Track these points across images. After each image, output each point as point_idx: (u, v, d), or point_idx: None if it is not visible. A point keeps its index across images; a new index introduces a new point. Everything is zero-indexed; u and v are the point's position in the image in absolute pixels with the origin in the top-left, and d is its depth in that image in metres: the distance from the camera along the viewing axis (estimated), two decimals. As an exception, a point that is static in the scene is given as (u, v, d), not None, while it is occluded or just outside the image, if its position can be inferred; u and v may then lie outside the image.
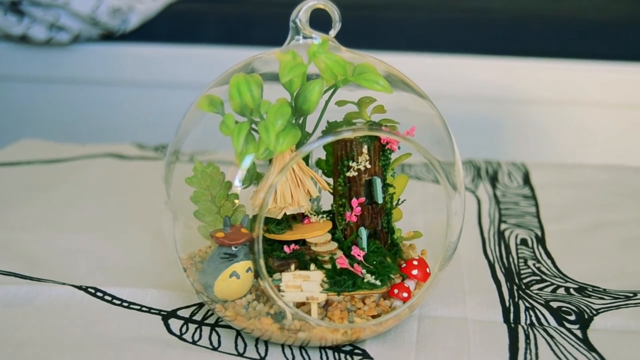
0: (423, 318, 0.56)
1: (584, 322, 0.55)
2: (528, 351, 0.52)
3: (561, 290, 0.61)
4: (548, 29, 1.29)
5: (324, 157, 0.60)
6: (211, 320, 0.55)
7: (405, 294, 0.52)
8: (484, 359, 0.51)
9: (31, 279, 0.60)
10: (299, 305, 0.51)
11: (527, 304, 0.58)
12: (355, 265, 0.53)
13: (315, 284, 0.49)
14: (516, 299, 0.59)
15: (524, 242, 0.71)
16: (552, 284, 0.62)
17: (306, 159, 0.57)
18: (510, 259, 0.67)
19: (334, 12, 0.54)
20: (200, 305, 0.57)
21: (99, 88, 1.36)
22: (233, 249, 0.49)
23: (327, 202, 0.59)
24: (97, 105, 1.37)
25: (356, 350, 0.52)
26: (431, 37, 1.29)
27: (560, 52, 1.25)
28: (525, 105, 1.26)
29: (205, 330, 0.54)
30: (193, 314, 0.56)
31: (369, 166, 0.55)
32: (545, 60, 1.25)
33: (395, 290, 0.53)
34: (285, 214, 0.53)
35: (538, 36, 1.28)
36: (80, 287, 0.59)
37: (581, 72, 1.24)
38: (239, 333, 0.54)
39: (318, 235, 0.56)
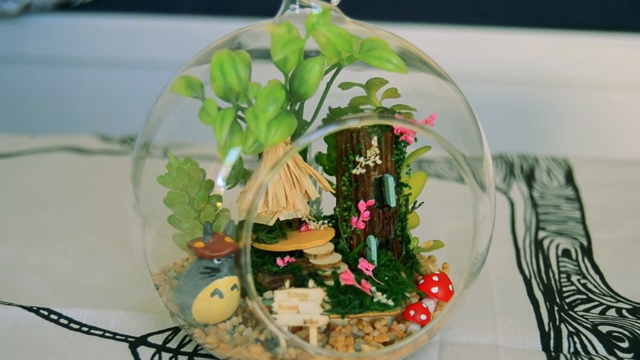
0: (445, 345, 0.56)
1: (640, 350, 0.55)
2: (572, 385, 0.52)
3: (612, 312, 0.61)
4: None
5: (325, 151, 0.60)
6: (189, 349, 0.55)
7: (423, 317, 0.52)
8: (518, 395, 0.51)
9: (-29, 298, 0.61)
10: (295, 330, 0.51)
11: (571, 329, 0.58)
12: (363, 281, 0.52)
13: (314, 304, 0.49)
14: (557, 322, 0.59)
15: (566, 253, 0.71)
16: (601, 303, 0.62)
17: (304, 153, 0.57)
18: (550, 274, 0.67)
19: (337, -24, 0.54)
20: (176, 330, 0.57)
21: (53, 68, 1.36)
22: (215, 262, 0.49)
23: (329, 206, 0.59)
24: (51, 89, 1.37)
25: (364, 385, 0.52)
26: (455, 6, 1.29)
27: (612, 25, 1.25)
28: (568, 88, 1.26)
29: (182, 360, 0.54)
30: (167, 340, 0.56)
31: (379, 162, 0.55)
32: (594, 35, 1.24)
33: (412, 312, 0.53)
34: (278, 219, 0.53)
35: (585, 6, 1.27)
36: (30, 309, 0.59)
37: (636, 49, 1.24)
38: (222, 364, 0.54)
39: (318, 246, 0.56)
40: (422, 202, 0.58)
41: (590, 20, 1.26)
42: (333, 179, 0.58)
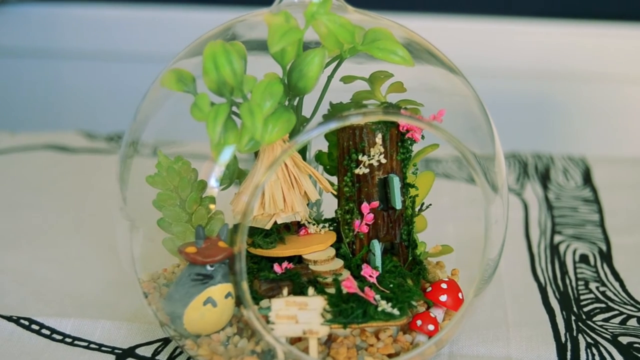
0: (454, 357, 0.56)
1: (663, 362, 0.55)
2: (590, 400, 0.52)
3: (633, 322, 0.61)
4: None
5: (325, 150, 0.60)
6: (180, 361, 0.55)
7: (431, 327, 0.52)
8: (533, 411, 0.51)
9: (-53, 307, 0.61)
10: (294, 341, 0.51)
11: (589, 339, 0.58)
12: (367, 289, 0.52)
13: (314, 314, 0.49)
14: (575, 333, 0.59)
15: (584, 258, 0.71)
16: (621, 313, 0.62)
17: (303, 151, 0.57)
18: (567, 281, 0.67)
19: (339, -38, 0.54)
20: (166, 342, 0.57)
21: (35, 60, 1.36)
22: (208, 268, 0.49)
23: (330, 208, 0.59)
24: (33, 83, 1.37)
25: (368, 400, 0.52)
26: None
27: (632, 15, 1.25)
28: (586, 82, 1.26)
29: (172, 373, 0.54)
30: (156, 352, 0.56)
31: (383, 161, 0.55)
32: (613, 25, 1.25)
33: (419, 322, 0.53)
34: (275, 222, 0.53)
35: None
36: (10, 318, 0.59)
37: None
38: (215, 377, 0.54)
39: (318, 251, 0.56)
40: (430, 204, 0.58)
41: (610, 10, 1.26)
42: (334, 179, 0.58)
